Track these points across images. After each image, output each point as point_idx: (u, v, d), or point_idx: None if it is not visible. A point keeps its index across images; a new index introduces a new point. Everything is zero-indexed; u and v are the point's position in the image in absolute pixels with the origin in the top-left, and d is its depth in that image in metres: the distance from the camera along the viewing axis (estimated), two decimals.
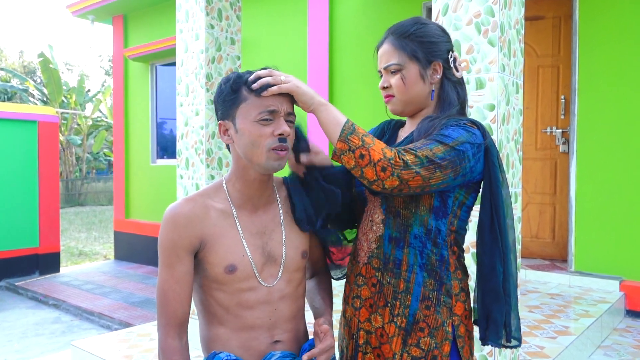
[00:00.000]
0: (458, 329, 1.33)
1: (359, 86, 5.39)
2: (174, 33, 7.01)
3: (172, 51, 7.03)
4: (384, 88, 1.40)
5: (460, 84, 1.40)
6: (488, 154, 1.31)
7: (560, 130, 4.72)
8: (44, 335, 5.06)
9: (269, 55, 6.15)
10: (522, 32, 2.30)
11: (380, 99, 1.46)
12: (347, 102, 5.48)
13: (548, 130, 4.80)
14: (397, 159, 1.19)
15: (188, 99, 3.42)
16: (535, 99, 4.88)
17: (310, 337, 1.41)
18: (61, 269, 7.83)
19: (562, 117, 4.73)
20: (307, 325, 1.47)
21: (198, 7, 3.35)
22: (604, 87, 4.16)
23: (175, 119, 7.76)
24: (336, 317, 1.59)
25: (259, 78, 1.27)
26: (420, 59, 1.35)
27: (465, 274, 1.40)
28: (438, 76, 1.37)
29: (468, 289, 1.39)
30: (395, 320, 1.32)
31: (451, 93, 1.37)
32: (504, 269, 1.33)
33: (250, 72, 1.31)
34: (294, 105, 1.33)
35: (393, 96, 1.38)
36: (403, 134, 1.46)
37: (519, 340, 1.37)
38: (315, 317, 1.42)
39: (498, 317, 1.33)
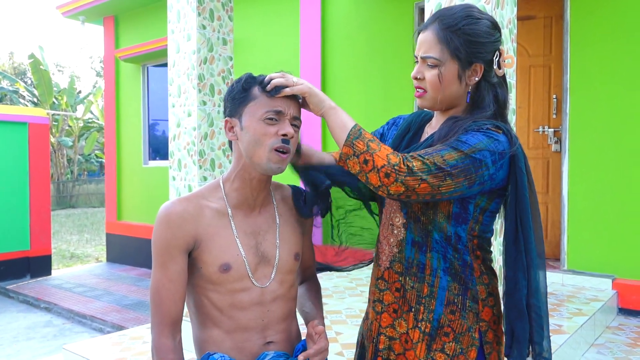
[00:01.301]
0: (486, 335, 1.29)
1: (352, 85, 5.39)
2: (166, 34, 6.98)
3: (163, 52, 6.99)
4: (416, 79, 1.31)
5: (500, 84, 1.31)
6: (515, 160, 1.23)
7: (552, 130, 4.74)
8: (36, 339, 5.01)
9: (261, 56, 6.14)
10: (515, 31, 2.30)
11: (372, 98, 1.45)
12: (340, 101, 5.44)
13: (540, 129, 4.82)
14: (402, 165, 1.14)
15: (180, 99, 3.40)
16: (527, 99, 4.90)
17: (303, 338, 1.42)
18: (53, 271, 7.77)
19: (554, 116, 4.75)
20: (300, 326, 1.47)
21: (190, 8, 3.33)
22: (595, 86, 4.18)
23: (167, 120, 7.76)
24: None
25: (272, 81, 1.28)
26: (461, 59, 1.25)
27: (494, 277, 1.34)
28: (477, 78, 1.28)
29: (497, 292, 1.34)
30: (419, 325, 1.29)
31: (487, 96, 1.28)
32: (528, 282, 1.25)
33: (264, 75, 1.33)
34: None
35: (425, 91, 1.29)
36: (429, 130, 1.39)
37: (549, 359, 1.28)
38: (306, 321, 1.43)
39: (521, 335, 1.25)
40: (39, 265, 7.53)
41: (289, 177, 1.44)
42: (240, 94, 1.32)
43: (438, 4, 2.18)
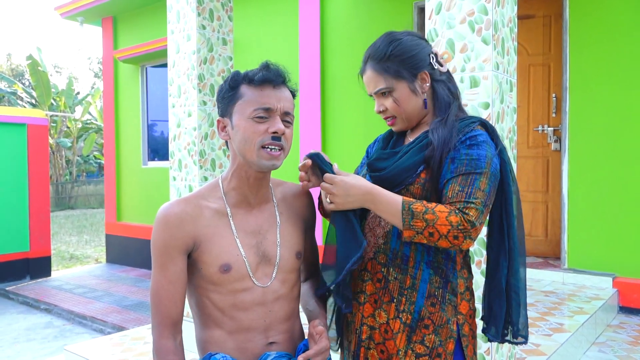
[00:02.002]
0: (462, 328, 1.35)
1: (351, 86, 5.39)
2: (165, 34, 7.00)
3: (162, 52, 6.99)
4: (380, 112, 1.41)
5: (448, 79, 1.42)
6: (500, 153, 1.33)
7: (551, 129, 4.75)
8: (36, 340, 5.00)
9: (260, 56, 6.12)
10: (515, 30, 2.31)
11: (371, 99, 1.46)
12: (339, 101, 5.48)
13: (540, 128, 4.82)
14: (464, 223, 1.21)
15: (180, 100, 3.40)
16: (527, 98, 4.90)
17: (306, 337, 1.41)
18: (52, 273, 7.76)
19: (554, 115, 4.76)
20: (302, 325, 1.46)
21: (189, 8, 3.32)
22: (595, 85, 4.19)
23: (166, 121, 7.75)
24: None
25: None
26: (406, 77, 1.36)
27: (470, 273, 1.41)
28: (427, 84, 1.38)
29: (472, 289, 1.41)
30: (400, 316, 1.33)
31: (443, 93, 1.39)
32: (508, 264, 1.36)
33: (253, 71, 1.31)
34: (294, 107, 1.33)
35: (394, 117, 1.40)
36: (410, 136, 1.46)
37: (526, 337, 1.40)
38: (309, 320, 1.42)
39: (498, 312, 1.37)
40: (39, 267, 7.52)
41: (290, 175, 1.44)
42: (228, 93, 1.31)
43: (439, 3, 2.18)
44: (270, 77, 1.28)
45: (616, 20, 4.09)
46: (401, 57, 1.36)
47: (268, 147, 1.26)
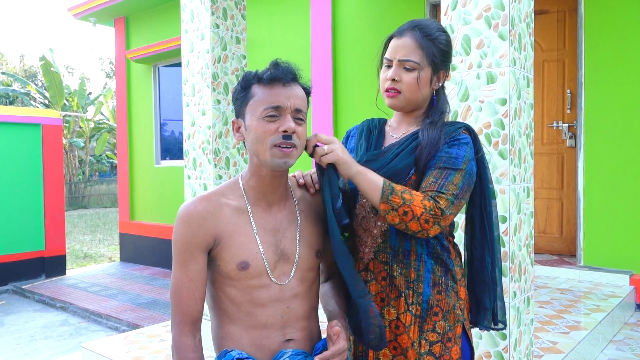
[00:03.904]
0: (464, 312, 1.43)
1: (363, 84, 5.38)
2: (177, 34, 7.04)
3: (174, 52, 7.03)
4: (392, 80, 1.41)
5: (444, 91, 1.51)
6: (480, 158, 1.41)
7: (566, 125, 4.70)
8: (52, 337, 5.06)
9: (272, 54, 6.11)
10: (532, 25, 2.29)
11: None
12: (351, 100, 5.47)
13: (554, 124, 4.78)
14: (436, 209, 1.27)
15: (194, 99, 3.41)
16: (541, 94, 4.86)
17: (324, 336, 1.40)
18: (67, 271, 7.84)
19: (569, 111, 4.71)
20: (321, 324, 1.46)
21: (203, 7, 3.34)
22: (610, 81, 4.14)
23: (178, 120, 7.79)
24: None
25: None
26: (436, 65, 1.41)
27: (462, 261, 1.49)
28: (440, 84, 1.45)
29: (466, 275, 1.49)
30: (410, 309, 1.37)
31: (444, 100, 1.47)
32: (491, 259, 1.44)
33: (263, 71, 1.31)
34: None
35: (399, 92, 1.42)
36: (391, 130, 1.51)
37: (505, 324, 1.49)
38: (329, 321, 1.41)
39: (487, 304, 1.45)
40: (54, 265, 7.60)
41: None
42: (240, 94, 1.32)
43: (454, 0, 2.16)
44: (279, 75, 1.28)
45: (631, 15, 4.04)
46: (443, 47, 1.42)
47: (280, 146, 1.26)
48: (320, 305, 1.48)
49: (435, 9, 5.02)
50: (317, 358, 1.25)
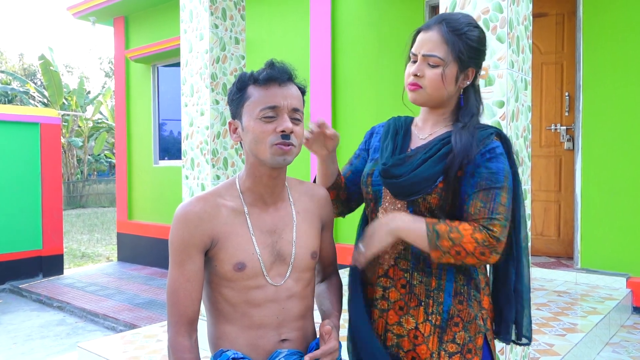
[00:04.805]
0: (487, 322, 1.37)
1: (362, 84, 5.39)
2: (176, 34, 7.03)
3: (173, 52, 7.02)
4: (415, 75, 1.36)
5: (478, 91, 1.43)
6: (512, 165, 1.34)
7: (564, 128, 4.71)
8: (49, 337, 5.05)
9: (272, 55, 6.10)
10: (530, 28, 2.29)
11: (383, 97, 1.47)
12: (350, 100, 5.47)
13: (552, 127, 4.79)
14: (490, 239, 1.23)
15: (193, 99, 3.41)
16: (539, 96, 4.87)
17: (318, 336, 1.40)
18: (64, 271, 7.82)
19: (567, 114, 4.72)
20: (316, 324, 1.46)
21: (202, 7, 3.34)
22: (609, 84, 4.15)
23: (177, 120, 7.78)
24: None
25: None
26: (462, 62, 1.34)
27: (486, 268, 1.44)
28: (468, 82, 1.38)
29: (490, 284, 1.43)
30: (430, 318, 1.33)
31: (474, 100, 1.39)
32: (516, 270, 1.37)
33: (258, 71, 1.31)
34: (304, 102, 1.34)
35: (421, 87, 1.35)
36: (417, 130, 1.45)
37: (529, 339, 1.42)
38: (322, 320, 1.42)
39: (508, 316, 1.38)
40: (51, 265, 7.58)
41: (302, 174, 1.44)
42: (236, 95, 1.32)
43: (453, 1, 2.17)
44: (275, 75, 1.28)
45: (630, 18, 4.05)
46: (471, 43, 1.34)
47: (279, 144, 1.26)
48: (315, 306, 1.49)
49: (435, 10, 5.03)
50: (307, 357, 1.27)
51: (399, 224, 1.29)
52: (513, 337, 1.41)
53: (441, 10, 2.22)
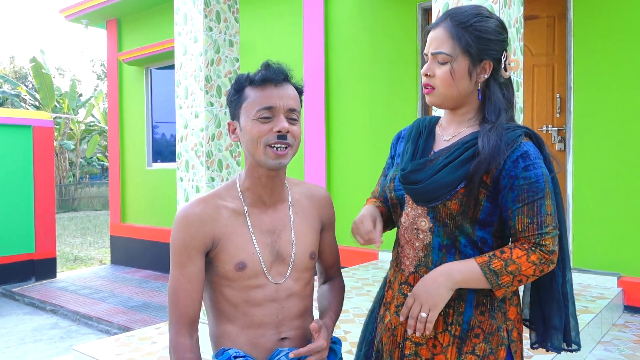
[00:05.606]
0: (512, 334, 1.31)
1: (355, 86, 5.41)
2: (169, 36, 7.03)
3: (167, 54, 7.03)
4: (427, 75, 1.31)
5: (507, 85, 1.33)
6: (546, 161, 1.28)
7: (556, 129, 4.75)
8: (43, 340, 5.03)
9: (267, 57, 6.11)
10: (522, 30, 2.32)
11: (376, 99, 1.47)
12: (344, 102, 5.50)
13: (544, 128, 4.83)
14: (545, 255, 1.21)
15: (187, 101, 3.42)
16: (531, 98, 4.91)
17: None
18: (57, 274, 7.79)
19: (558, 115, 4.77)
20: None
21: (196, 10, 3.35)
22: (599, 85, 4.20)
23: (170, 123, 7.78)
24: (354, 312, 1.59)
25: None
26: (472, 55, 1.26)
27: None
28: (486, 76, 1.29)
29: (518, 292, 1.38)
30: (449, 329, 1.29)
31: (498, 96, 1.30)
32: (562, 273, 1.32)
33: (254, 72, 1.33)
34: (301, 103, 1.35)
35: (433, 88, 1.30)
36: (441, 131, 1.39)
37: (579, 345, 1.35)
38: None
39: (557, 323, 1.32)
40: (44, 268, 7.55)
41: (298, 172, 1.45)
42: (234, 97, 1.34)
43: (445, 4, 2.20)
44: (271, 75, 1.30)
45: (621, 20, 4.10)
46: (479, 33, 1.26)
47: (274, 147, 1.28)
48: (315, 306, 1.50)
49: (427, 13, 5.07)
50: (291, 354, 1.28)
51: (457, 278, 1.23)
52: (563, 345, 1.34)
53: (433, 13, 2.25)
